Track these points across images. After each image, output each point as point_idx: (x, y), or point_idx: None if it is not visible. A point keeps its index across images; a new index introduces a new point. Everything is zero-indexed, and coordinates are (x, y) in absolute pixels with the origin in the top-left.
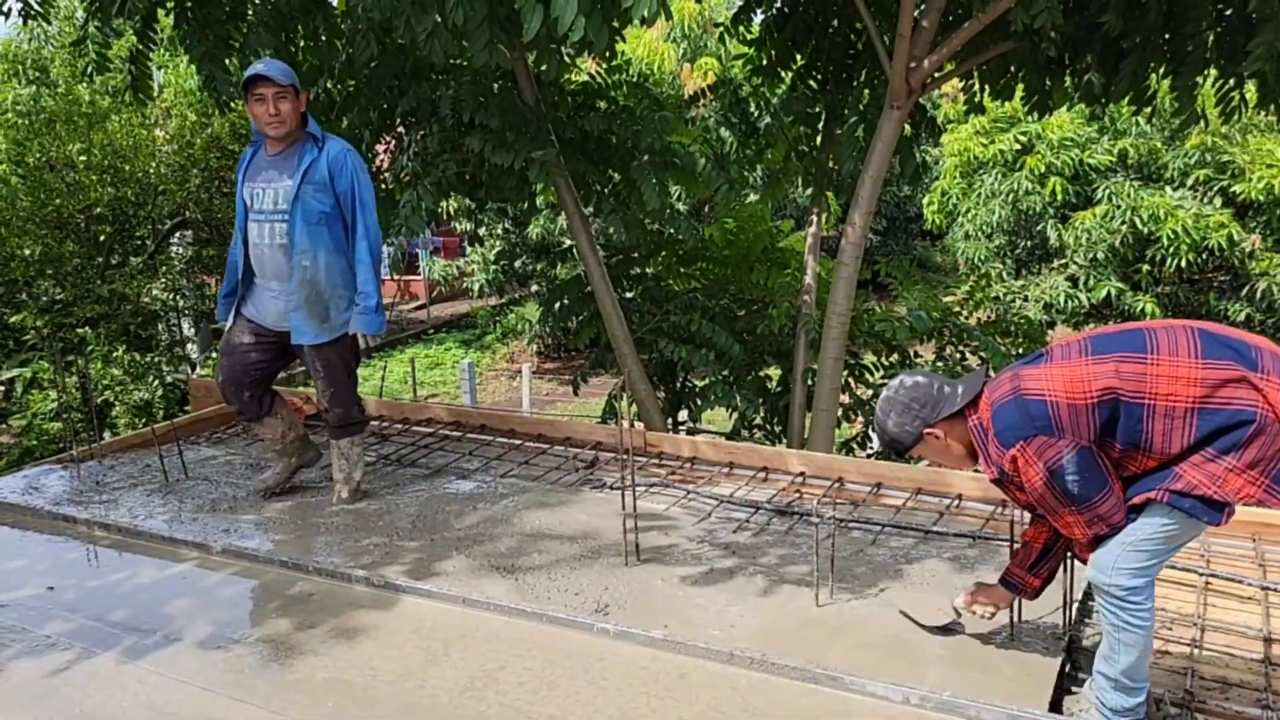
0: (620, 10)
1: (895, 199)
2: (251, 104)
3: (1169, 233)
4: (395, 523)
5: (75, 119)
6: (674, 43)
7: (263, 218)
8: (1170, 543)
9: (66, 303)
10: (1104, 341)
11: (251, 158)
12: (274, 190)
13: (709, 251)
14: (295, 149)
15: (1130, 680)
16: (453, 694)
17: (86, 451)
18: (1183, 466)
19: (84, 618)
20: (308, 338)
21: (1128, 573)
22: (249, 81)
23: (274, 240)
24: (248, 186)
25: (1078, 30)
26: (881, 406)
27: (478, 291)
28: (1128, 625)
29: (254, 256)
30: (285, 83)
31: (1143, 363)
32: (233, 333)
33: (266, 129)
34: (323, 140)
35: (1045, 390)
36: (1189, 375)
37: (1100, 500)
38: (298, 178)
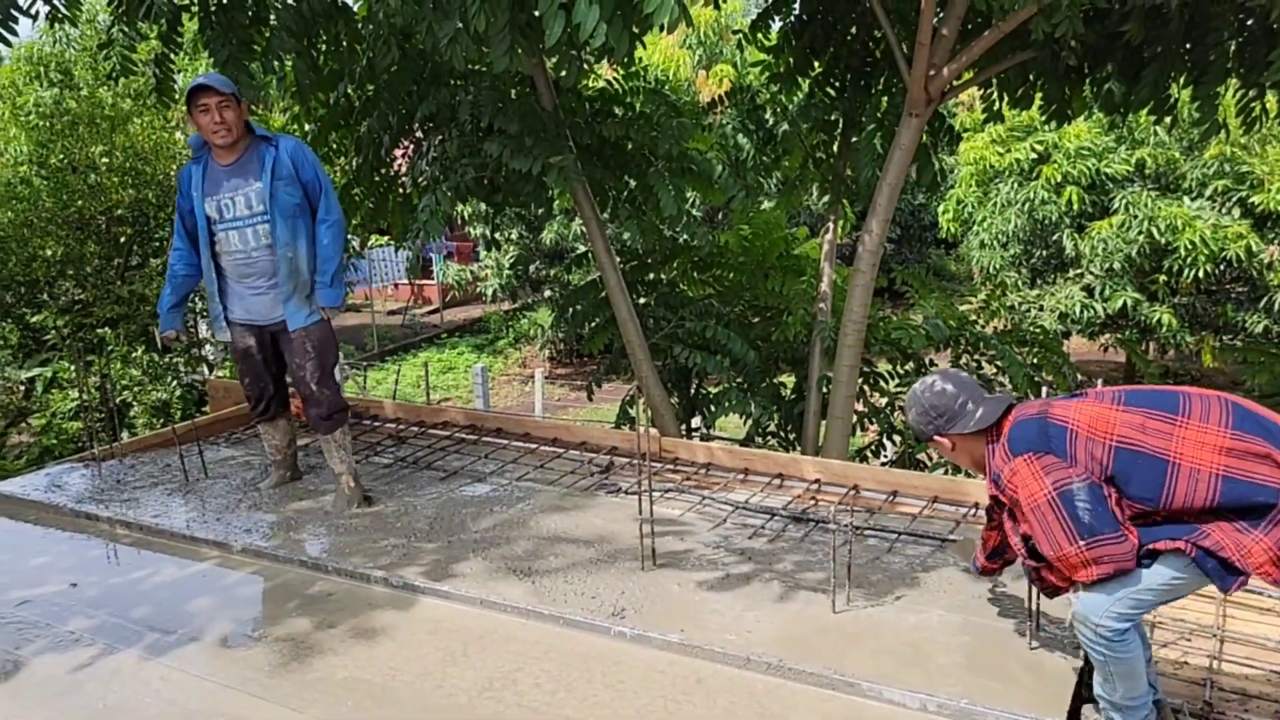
0: (641, 17)
1: (910, 207)
2: (196, 115)
3: (1187, 243)
4: (413, 524)
5: (98, 121)
6: (689, 49)
7: (241, 223)
8: (1171, 594)
9: (87, 303)
10: (1138, 396)
11: (204, 174)
12: (243, 196)
13: (724, 258)
14: (251, 153)
15: (1130, 701)
16: (471, 694)
17: (108, 450)
18: (1209, 527)
19: (106, 614)
20: (300, 320)
21: (1118, 616)
22: (192, 93)
23: (259, 241)
24: (210, 200)
25: (1098, 39)
26: (909, 397)
27: (491, 296)
28: (1116, 658)
29: (234, 262)
30: (227, 91)
31: (1171, 423)
32: (235, 339)
33: (213, 138)
34: (274, 139)
35: (1069, 419)
36: (1216, 442)
37: (1110, 541)
38: (266, 177)
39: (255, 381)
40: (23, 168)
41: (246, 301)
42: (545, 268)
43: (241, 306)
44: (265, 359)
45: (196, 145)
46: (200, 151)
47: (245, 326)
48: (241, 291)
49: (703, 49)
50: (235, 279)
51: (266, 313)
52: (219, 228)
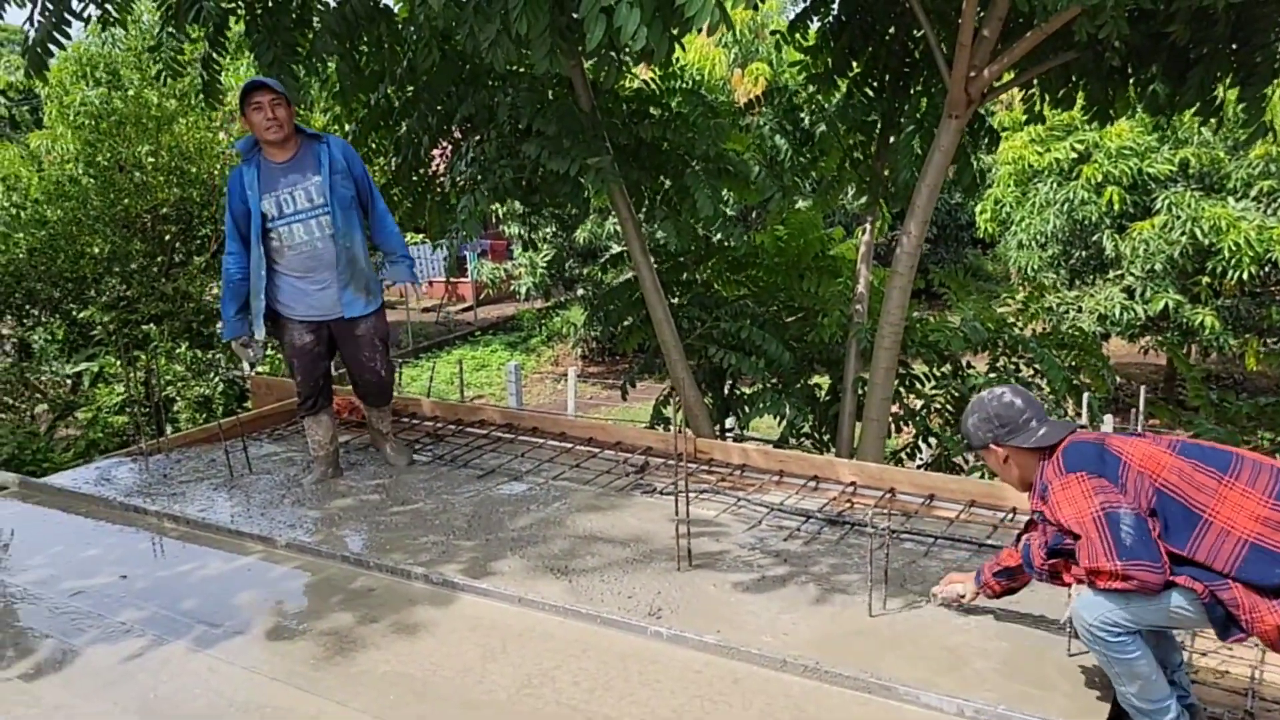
0: (682, 19)
1: (947, 206)
2: (249, 113)
3: (1230, 244)
4: (451, 522)
5: (144, 121)
6: (725, 48)
7: (304, 216)
8: (1170, 622)
9: (132, 300)
10: (1192, 449)
11: (258, 173)
12: (303, 190)
13: (760, 258)
14: (304, 150)
15: (1149, 703)
16: (510, 691)
17: (154, 445)
18: (1232, 583)
19: (156, 606)
20: (359, 309)
21: (1111, 625)
22: (246, 91)
23: (323, 232)
24: (268, 197)
25: (1143, 40)
26: (973, 403)
27: (525, 294)
28: (1118, 659)
29: (299, 256)
30: (280, 91)
31: (1217, 479)
32: (292, 336)
33: (266, 134)
34: (323, 136)
35: (1125, 451)
36: (1255, 510)
37: (1147, 568)
38: (325, 171)
39: (310, 378)
40: (70, 166)
41: (310, 298)
42: (579, 266)
43: (304, 304)
44: (322, 354)
45: (246, 148)
46: (250, 153)
47: (305, 324)
48: (305, 288)
49: (738, 48)
50: (298, 274)
51: (330, 308)
52: (278, 223)
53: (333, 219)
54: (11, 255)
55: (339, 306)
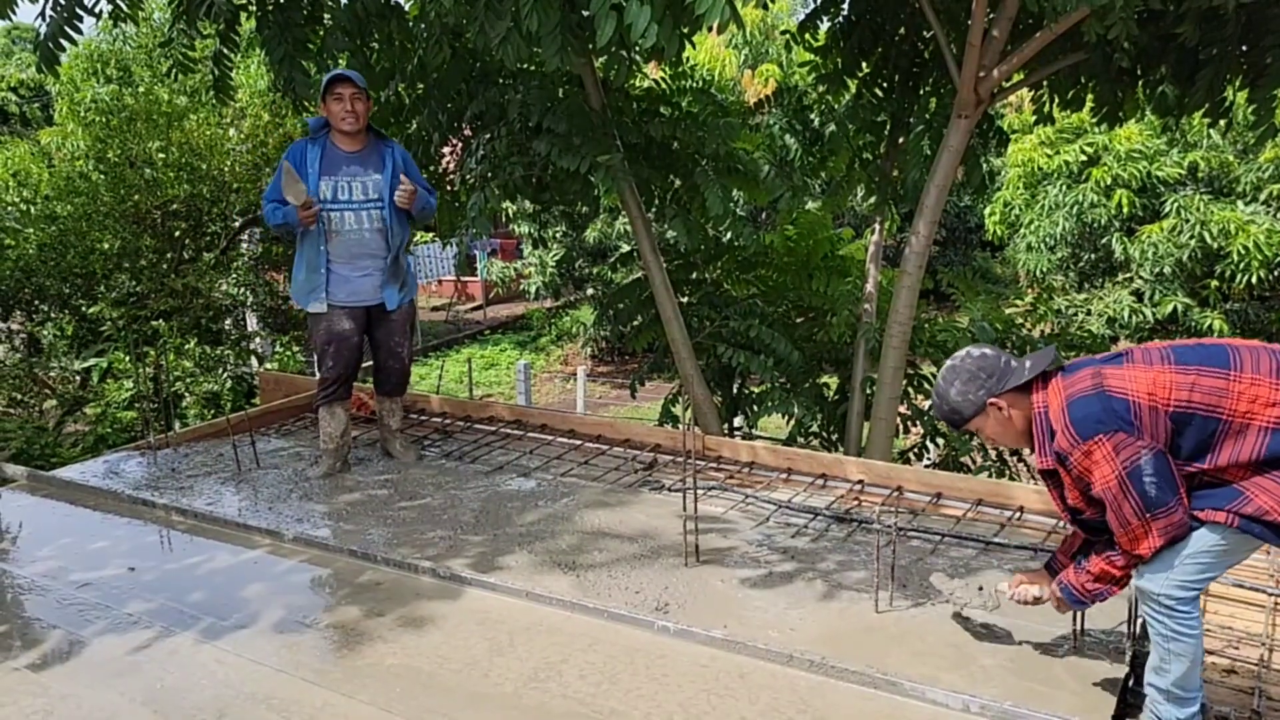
0: (692, 17)
1: (956, 209)
2: (329, 102)
3: (1239, 248)
4: (459, 517)
5: (155, 117)
6: (735, 49)
7: (356, 206)
8: (1225, 558)
9: (141, 295)
10: (1187, 353)
11: (322, 154)
12: (362, 183)
13: (769, 258)
14: (373, 146)
15: (1182, 691)
16: (517, 684)
17: (163, 439)
18: (1252, 489)
19: (164, 598)
20: (397, 299)
21: (1179, 584)
22: (330, 81)
23: (372, 225)
24: (326, 180)
25: (1152, 41)
26: (945, 376)
27: (534, 294)
28: (1177, 635)
29: (345, 242)
30: (362, 86)
31: (1225, 378)
32: (331, 322)
33: (342, 125)
34: (389, 140)
35: (1129, 389)
36: (1269, 396)
37: (1175, 506)
38: (387, 172)
39: (342, 363)
40: (80, 162)
41: (352, 284)
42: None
43: (346, 289)
44: (358, 343)
45: (316, 126)
46: (318, 133)
47: (346, 310)
48: (347, 274)
49: (749, 49)
50: (343, 260)
51: (371, 294)
52: (331, 207)
53: (385, 215)
54: (21, 251)
55: (379, 294)
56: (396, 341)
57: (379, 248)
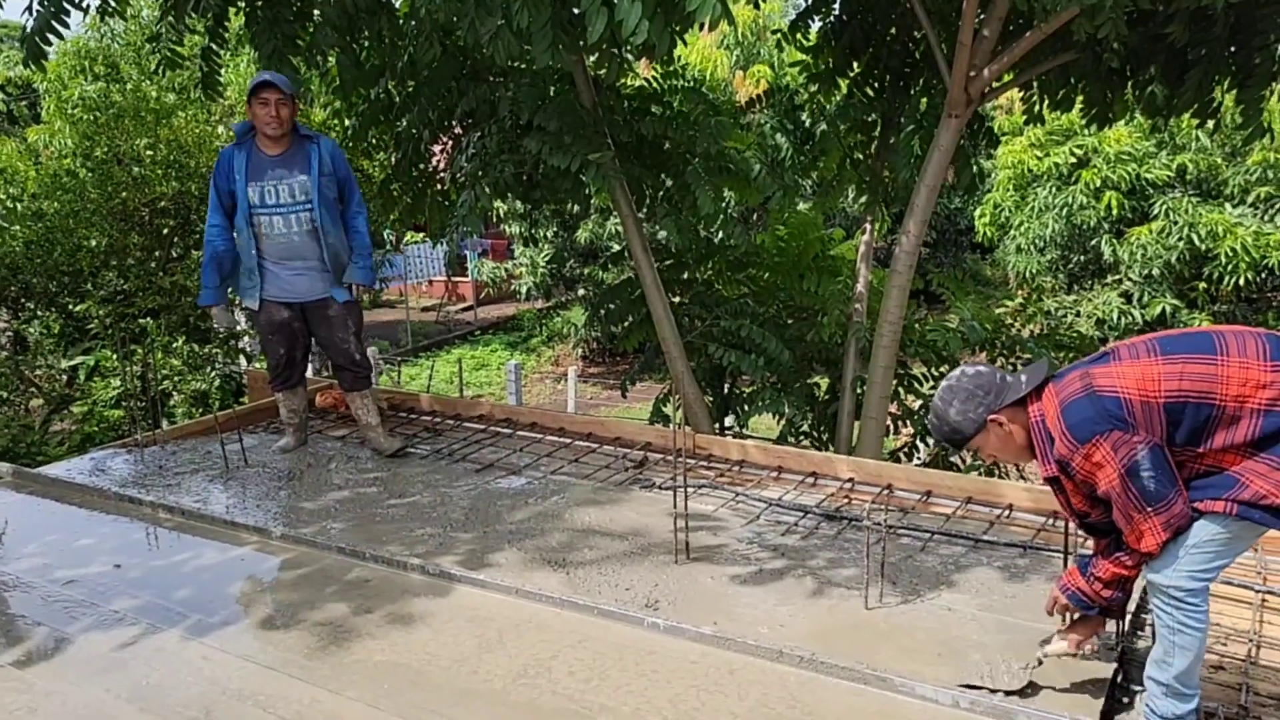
0: (683, 14)
1: (946, 211)
2: (254, 106)
3: (1227, 250)
4: (448, 514)
5: (143, 114)
6: (727, 50)
7: (285, 209)
8: (1231, 545)
9: (129, 293)
10: (1172, 343)
11: (248, 160)
12: (288, 185)
13: (760, 258)
14: (297, 148)
15: (1183, 686)
16: (506, 680)
17: (150, 437)
18: (1247, 475)
19: (150, 595)
20: (342, 296)
21: (1188, 575)
22: (255, 87)
23: (301, 227)
24: (253, 186)
25: (1141, 41)
26: (942, 396)
27: (525, 294)
28: (1183, 627)
29: (274, 244)
30: (287, 92)
31: (1213, 364)
32: (269, 314)
33: (266, 129)
34: (315, 137)
35: (1118, 387)
36: (1259, 378)
37: (1174, 499)
38: (314, 172)
39: (286, 348)
40: (68, 160)
41: (283, 281)
42: (579, 266)
43: (277, 286)
44: (298, 331)
45: (242, 131)
46: (244, 137)
47: (279, 304)
48: (279, 272)
49: (740, 49)
50: (274, 260)
51: (305, 291)
52: (260, 212)
53: (317, 217)
54: (8, 248)
55: (313, 292)
56: (340, 338)
57: (310, 249)
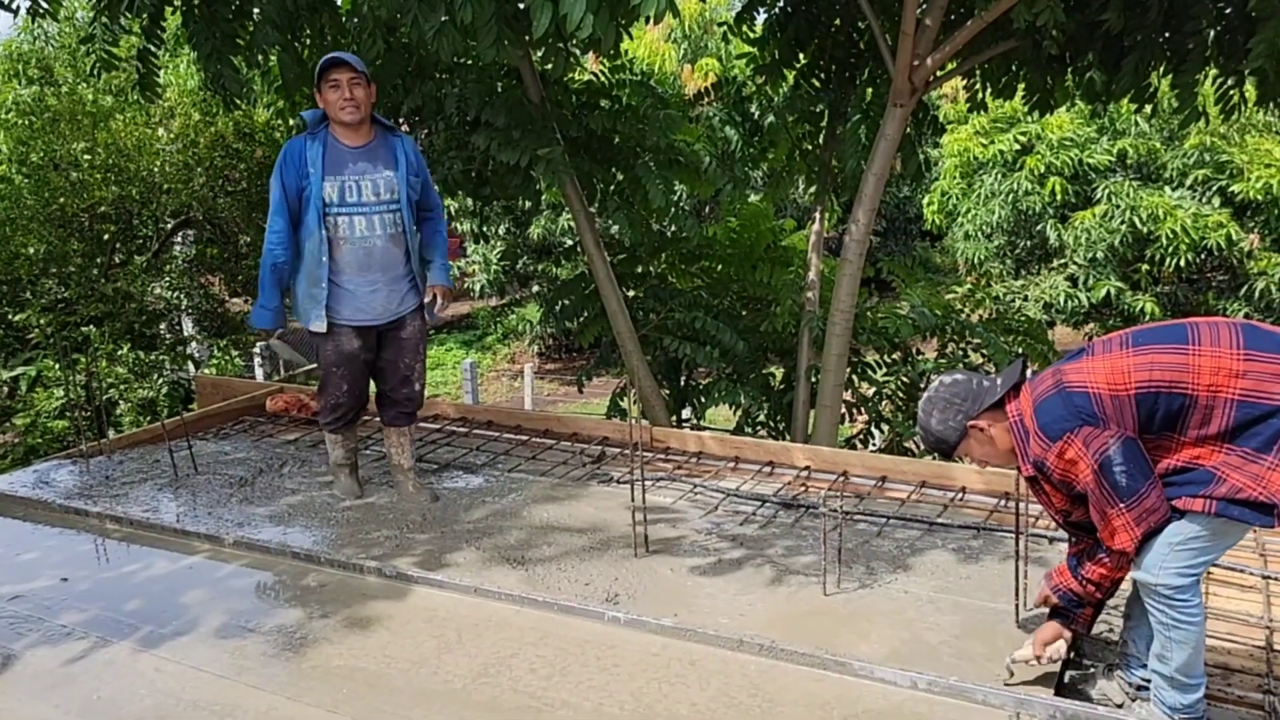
0: (628, 8)
1: (895, 199)
2: (325, 90)
3: (1168, 232)
4: (405, 516)
5: (79, 118)
6: (675, 43)
7: (368, 209)
8: (1216, 541)
9: (70, 301)
10: (1145, 334)
11: (324, 150)
12: (372, 181)
13: (712, 250)
14: (381, 140)
15: (1186, 677)
16: (466, 680)
17: (95, 447)
18: (1224, 470)
19: (98, 608)
20: (425, 311)
21: (1174, 572)
22: (325, 67)
23: (385, 230)
24: (331, 180)
25: (1079, 28)
26: (923, 408)
27: (479, 292)
28: (1178, 623)
29: (353, 250)
30: (361, 70)
31: (1183, 353)
32: (339, 340)
33: (341, 114)
34: (397, 131)
35: (1087, 382)
36: (1231, 367)
37: (1147, 492)
38: (401, 167)
39: (354, 389)
40: (2, 166)
41: (359, 300)
42: (533, 263)
43: (352, 306)
44: (368, 361)
45: (314, 120)
46: (316, 128)
47: (353, 329)
48: (355, 289)
49: (688, 43)
50: (352, 272)
51: (381, 311)
52: (338, 211)
53: (403, 218)
54: None
55: (388, 310)
56: (407, 364)
57: (392, 258)
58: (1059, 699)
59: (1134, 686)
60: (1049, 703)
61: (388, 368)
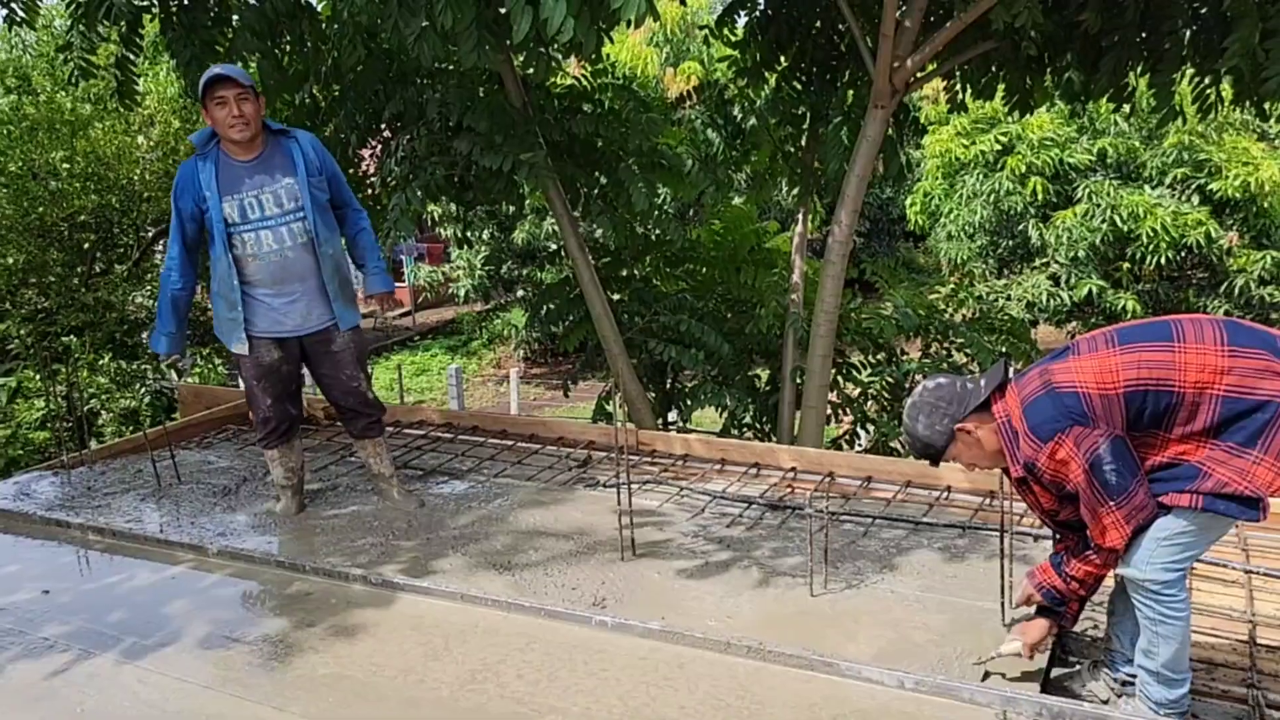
0: (608, 12)
1: (878, 201)
2: (211, 108)
3: (1148, 230)
4: (391, 523)
5: (58, 127)
6: (657, 47)
7: (273, 222)
8: (1202, 536)
9: (50, 311)
10: (1130, 332)
11: (217, 171)
12: (272, 193)
13: (697, 253)
14: (274, 147)
15: (1172, 672)
16: (454, 687)
17: (77, 458)
18: (1209, 465)
19: (81, 620)
20: (352, 320)
21: (1161, 567)
22: (207, 86)
23: (295, 241)
24: (230, 200)
25: (1057, 29)
26: (909, 413)
27: (464, 297)
28: (1164, 618)
29: (264, 265)
30: (246, 84)
31: (1170, 351)
32: (259, 354)
33: (231, 133)
34: (290, 131)
35: (1076, 382)
36: (1216, 363)
37: (1136, 489)
38: (299, 172)
39: (280, 402)
40: None
41: (276, 313)
42: (518, 267)
43: (268, 318)
44: (292, 373)
45: (202, 141)
46: (207, 147)
47: (272, 340)
48: (270, 301)
49: (670, 46)
50: (266, 286)
51: (300, 322)
52: (243, 229)
53: (311, 225)
54: None
55: (310, 320)
56: (348, 374)
57: (307, 267)
58: (1045, 696)
59: (1120, 682)
60: (1035, 700)
61: (330, 382)
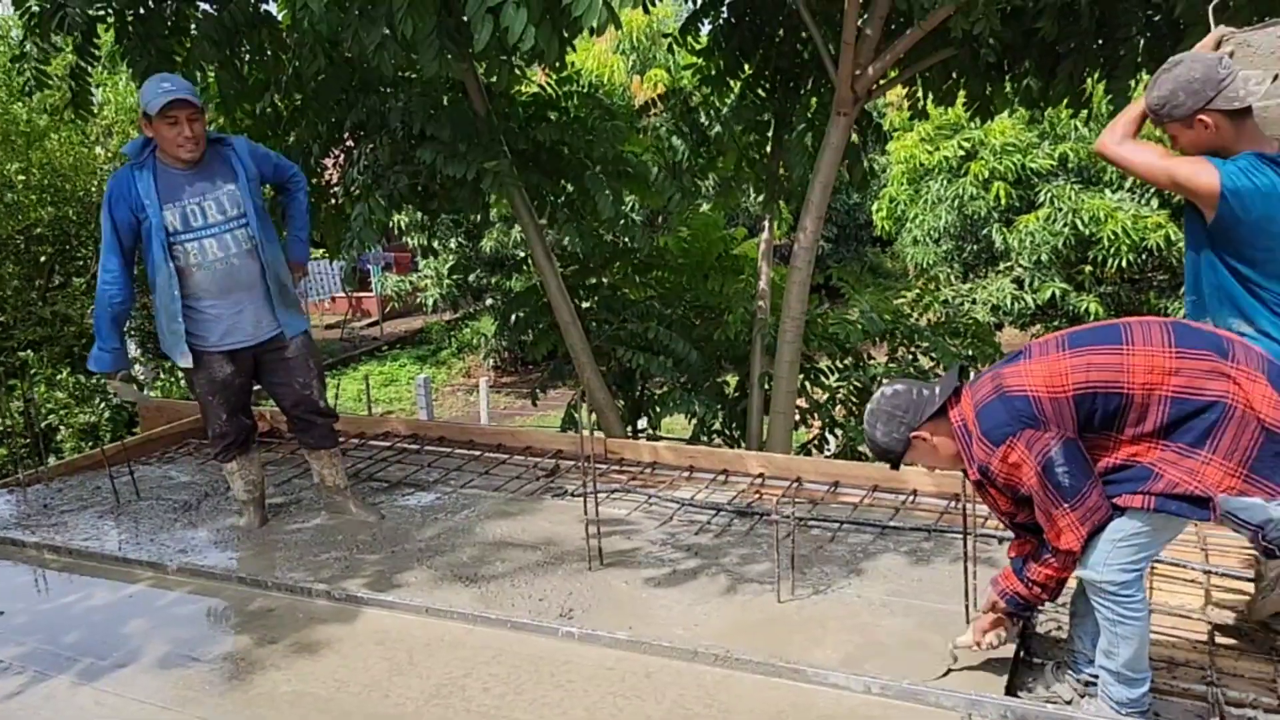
0: (570, 20)
1: (845, 206)
2: (161, 125)
3: (1109, 234)
4: (355, 536)
5: (13, 138)
6: (623, 55)
7: (216, 229)
8: (1156, 536)
9: (6, 325)
10: (1080, 336)
11: (156, 179)
12: (214, 201)
13: (664, 260)
14: (213, 154)
15: (1132, 672)
16: (419, 702)
17: (33, 475)
18: (1160, 466)
19: (37, 641)
20: (298, 326)
21: (1118, 568)
22: (164, 106)
23: (240, 248)
24: (171, 209)
25: (1015, 36)
26: (868, 420)
27: (432, 306)
28: (1123, 619)
29: (209, 275)
30: (197, 103)
31: (1118, 353)
32: (211, 369)
33: (180, 152)
34: (225, 139)
35: (1026, 385)
36: (1164, 365)
37: (1089, 491)
38: (240, 179)
39: (234, 415)
40: None
41: (224, 323)
42: (486, 276)
43: (219, 330)
44: (245, 386)
45: (135, 151)
46: (141, 156)
47: (225, 354)
48: (218, 313)
49: (636, 54)
50: (212, 296)
51: (253, 330)
52: (184, 238)
53: (255, 232)
54: None
55: (261, 330)
56: (301, 382)
57: (252, 274)
58: (1010, 699)
59: (1083, 683)
60: (1000, 702)
61: (282, 391)
